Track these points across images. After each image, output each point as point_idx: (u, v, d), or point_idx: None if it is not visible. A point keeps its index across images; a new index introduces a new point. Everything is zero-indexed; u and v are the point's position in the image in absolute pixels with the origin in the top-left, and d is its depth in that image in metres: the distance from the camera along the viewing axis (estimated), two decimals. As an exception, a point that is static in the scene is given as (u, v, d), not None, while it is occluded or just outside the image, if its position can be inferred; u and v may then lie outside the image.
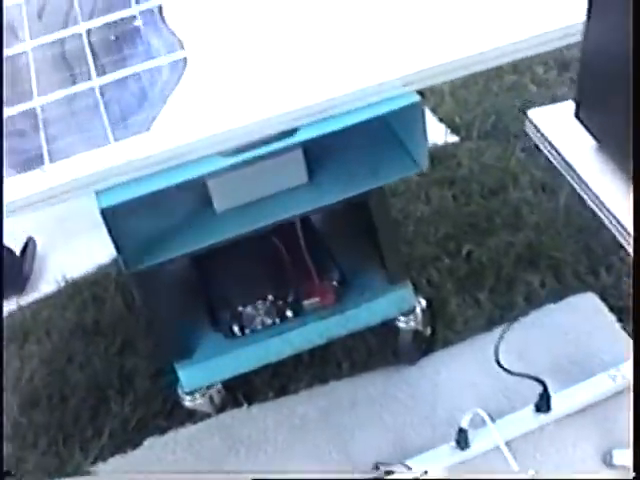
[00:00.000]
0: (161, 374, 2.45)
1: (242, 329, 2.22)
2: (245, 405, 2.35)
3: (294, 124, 1.79)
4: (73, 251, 2.82)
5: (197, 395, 2.28)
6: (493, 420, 2.18)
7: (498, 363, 2.12)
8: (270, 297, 2.20)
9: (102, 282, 2.72)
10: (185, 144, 1.75)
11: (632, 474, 1.63)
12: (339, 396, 2.36)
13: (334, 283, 2.24)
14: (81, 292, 2.70)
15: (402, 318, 2.34)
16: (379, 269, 2.29)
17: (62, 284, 2.75)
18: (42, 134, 1.87)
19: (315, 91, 1.79)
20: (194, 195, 1.94)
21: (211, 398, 2.30)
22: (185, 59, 1.96)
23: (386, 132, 2.00)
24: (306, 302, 2.23)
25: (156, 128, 1.80)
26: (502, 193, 2.74)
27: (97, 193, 1.76)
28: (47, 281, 2.77)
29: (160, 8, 2.14)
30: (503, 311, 2.46)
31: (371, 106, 1.79)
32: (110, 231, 1.78)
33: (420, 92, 1.78)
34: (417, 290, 2.35)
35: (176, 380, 2.26)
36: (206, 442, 2.30)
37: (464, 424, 2.16)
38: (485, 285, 2.52)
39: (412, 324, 2.35)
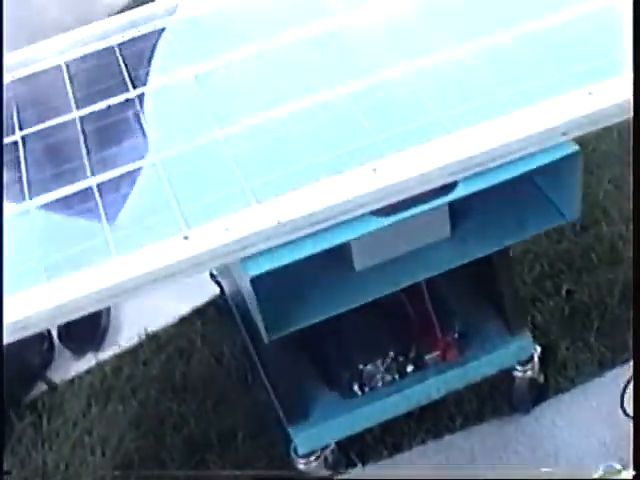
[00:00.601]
0: (262, 434, 2.26)
1: (361, 388, 2.03)
2: (359, 465, 2.16)
3: (452, 178, 1.61)
4: (150, 302, 2.60)
5: (312, 457, 2.09)
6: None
7: (624, 411, 1.98)
8: (391, 353, 2.02)
9: (186, 335, 2.52)
10: (339, 203, 1.57)
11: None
12: (456, 451, 2.19)
13: (455, 336, 2.06)
14: (165, 346, 2.51)
15: (519, 367, 2.17)
16: (497, 318, 2.13)
17: (143, 337, 2.54)
18: (170, 194, 1.67)
19: (471, 143, 1.62)
20: (332, 253, 1.75)
21: (325, 459, 2.11)
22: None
23: (526, 179, 1.83)
24: (428, 357, 2.05)
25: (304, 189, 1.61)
26: (594, 228, 2.58)
27: (242, 260, 1.57)
28: (126, 335, 2.56)
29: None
30: (614, 354, 2.30)
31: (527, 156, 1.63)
32: (258, 300, 1.60)
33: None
34: (528, 336, 2.18)
35: (286, 441, 2.09)
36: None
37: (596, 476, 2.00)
38: (592, 326, 2.36)
39: (529, 373, 2.18)
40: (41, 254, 1.63)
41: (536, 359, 2.18)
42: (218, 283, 2.47)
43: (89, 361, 2.53)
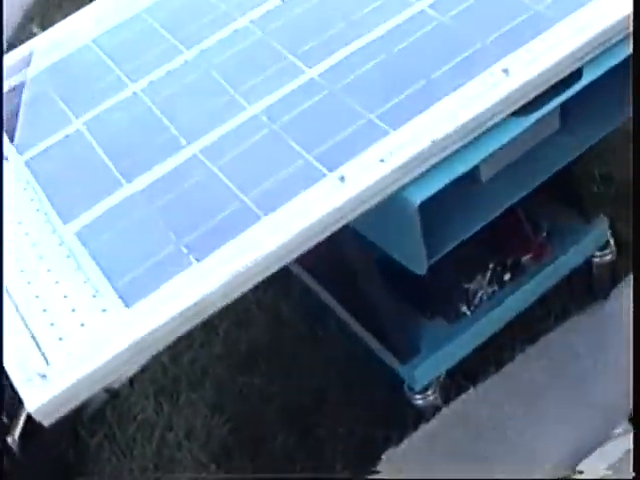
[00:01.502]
0: (355, 382, 2.23)
1: (469, 307, 2.03)
2: (471, 387, 2.16)
3: (578, 64, 1.62)
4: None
5: (429, 391, 2.08)
6: None
7: None
8: (491, 265, 2.03)
9: (239, 303, 2.42)
10: (488, 108, 1.55)
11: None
12: (558, 351, 2.23)
13: (544, 235, 2.09)
14: (219, 322, 2.41)
15: (598, 253, 2.22)
16: (572, 210, 2.17)
17: (193, 319, 2.44)
18: (291, 142, 1.61)
19: (588, 25, 1.62)
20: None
21: (441, 389, 2.10)
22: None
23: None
24: (524, 260, 2.07)
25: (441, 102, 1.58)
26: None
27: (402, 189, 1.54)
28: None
29: None
30: (668, 224, 2.37)
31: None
32: (423, 228, 1.56)
33: None
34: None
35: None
36: (448, 437, 2.11)
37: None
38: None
39: (608, 257, 2.23)
40: (173, 236, 1.54)
41: (612, 242, 2.23)
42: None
43: (142, 357, 2.41)
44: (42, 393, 1.41)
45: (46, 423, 1.44)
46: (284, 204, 1.51)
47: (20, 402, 2.19)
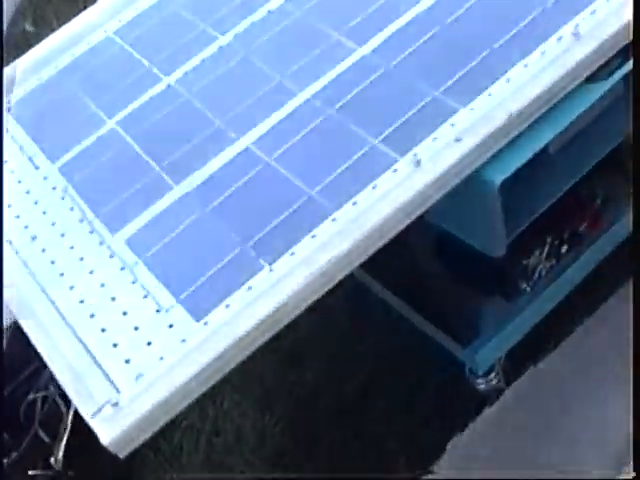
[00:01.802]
0: (408, 373, 2.13)
1: (528, 283, 1.93)
2: (531, 366, 2.06)
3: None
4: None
5: (492, 374, 1.98)
6: None
7: None
8: (548, 239, 1.92)
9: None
10: (561, 75, 1.43)
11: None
12: (616, 320, 2.11)
13: (599, 202, 1.98)
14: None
15: (649, 219, 2.12)
16: (623, 175, 2.05)
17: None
18: (359, 131, 1.49)
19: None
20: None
21: (503, 372, 2.00)
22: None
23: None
24: (580, 230, 1.97)
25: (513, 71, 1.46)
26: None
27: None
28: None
29: None
30: None
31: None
32: (505, 210, 1.45)
33: None
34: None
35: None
36: (514, 421, 2.01)
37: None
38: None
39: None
40: (237, 238, 1.42)
41: (665, 204, 2.13)
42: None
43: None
44: (116, 424, 1.29)
45: (122, 455, 1.31)
46: (356, 195, 1.39)
47: (60, 420, 2.12)
